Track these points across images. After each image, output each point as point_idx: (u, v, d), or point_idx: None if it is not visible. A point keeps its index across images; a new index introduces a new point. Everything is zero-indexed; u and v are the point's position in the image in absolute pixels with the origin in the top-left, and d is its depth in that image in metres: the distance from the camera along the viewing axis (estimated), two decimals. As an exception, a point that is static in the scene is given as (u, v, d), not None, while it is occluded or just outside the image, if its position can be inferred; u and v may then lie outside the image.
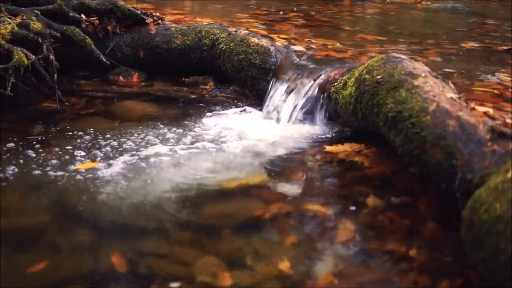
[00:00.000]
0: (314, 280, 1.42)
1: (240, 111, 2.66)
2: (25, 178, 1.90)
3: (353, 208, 1.78)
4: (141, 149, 2.16)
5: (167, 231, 1.63)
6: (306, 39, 3.34)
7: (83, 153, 2.10)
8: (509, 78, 2.64)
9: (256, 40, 2.84)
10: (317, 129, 2.40)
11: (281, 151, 2.19)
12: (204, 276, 1.41)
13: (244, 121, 2.54)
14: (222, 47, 2.93)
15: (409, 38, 3.67)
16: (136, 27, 3.12)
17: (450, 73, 2.68)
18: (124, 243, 1.56)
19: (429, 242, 1.57)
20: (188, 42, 3.03)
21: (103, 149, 2.14)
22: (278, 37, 3.27)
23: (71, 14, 2.94)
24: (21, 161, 2.02)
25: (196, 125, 2.45)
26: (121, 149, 2.15)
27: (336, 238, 1.60)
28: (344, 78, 2.30)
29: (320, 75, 2.49)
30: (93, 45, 2.89)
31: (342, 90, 2.25)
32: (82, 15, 2.98)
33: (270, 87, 2.65)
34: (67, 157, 2.06)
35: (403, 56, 2.08)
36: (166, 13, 4.01)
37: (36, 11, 2.82)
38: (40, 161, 2.02)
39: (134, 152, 2.12)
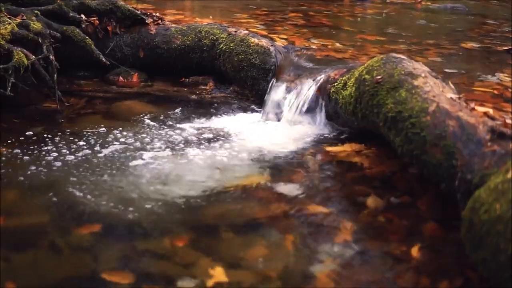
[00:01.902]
0: (314, 280, 1.42)
1: (240, 112, 2.66)
2: (25, 178, 1.90)
3: (353, 208, 1.78)
4: (141, 149, 2.16)
5: (167, 231, 1.63)
6: (306, 39, 3.34)
7: (83, 153, 2.10)
8: (509, 78, 2.64)
9: (256, 40, 2.84)
10: (317, 129, 2.40)
11: (281, 152, 2.19)
12: (204, 277, 1.41)
13: (244, 121, 2.54)
14: (222, 47, 2.93)
15: (409, 38, 3.67)
16: (136, 27, 3.12)
17: (450, 73, 2.68)
18: (124, 242, 1.56)
19: (429, 242, 1.57)
20: (188, 42, 3.03)
21: (103, 149, 2.14)
22: (278, 37, 3.27)
23: (71, 14, 2.94)
24: (21, 161, 2.02)
25: (196, 126, 2.45)
26: (121, 149, 2.15)
27: (336, 238, 1.60)
28: (344, 78, 2.30)
29: (320, 75, 2.49)
30: (93, 45, 2.89)
31: (342, 91, 2.25)
32: (82, 15, 2.98)
33: (270, 87, 2.65)
34: (66, 156, 2.07)
35: (403, 56, 2.08)
36: (166, 13, 4.01)
37: (36, 11, 2.82)
38: (40, 161, 2.02)
39: (133, 152, 2.13)
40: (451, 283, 1.39)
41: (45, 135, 2.27)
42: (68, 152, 2.11)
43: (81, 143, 2.20)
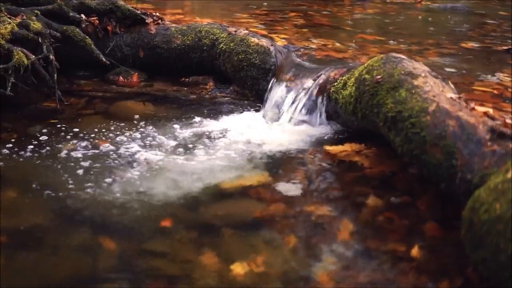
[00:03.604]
0: (314, 280, 1.42)
1: (240, 111, 2.66)
2: (25, 178, 1.90)
3: (353, 208, 1.78)
4: (141, 149, 2.16)
5: (167, 231, 1.63)
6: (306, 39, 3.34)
7: (82, 153, 2.10)
8: (509, 78, 2.64)
9: (256, 40, 2.84)
10: (317, 129, 2.40)
11: (281, 151, 2.19)
12: (203, 276, 1.42)
13: (243, 121, 2.53)
14: (222, 47, 2.93)
15: (409, 38, 3.67)
16: (136, 27, 3.12)
17: (450, 73, 2.68)
18: (124, 242, 1.56)
19: (429, 242, 1.57)
20: (188, 42, 3.03)
21: (103, 148, 2.14)
22: (278, 37, 3.27)
23: (71, 14, 2.94)
24: (22, 160, 2.02)
25: (196, 125, 2.45)
26: (121, 148, 2.15)
27: (336, 238, 1.60)
28: (344, 78, 2.30)
29: (320, 75, 2.49)
30: (93, 45, 2.89)
31: (342, 90, 2.25)
32: (82, 15, 2.98)
33: (270, 87, 2.65)
34: (66, 156, 2.07)
35: (403, 56, 2.08)
36: (166, 13, 4.00)
37: (36, 11, 2.82)
38: (40, 160, 2.02)
39: (133, 151, 2.13)
40: (451, 283, 1.39)
41: (45, 135, 2.27)
42: (68, 151, 2.11)
43: (81, 142, 2.20)
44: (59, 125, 2.39)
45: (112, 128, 2.36)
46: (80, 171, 1.95)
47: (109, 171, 1.96)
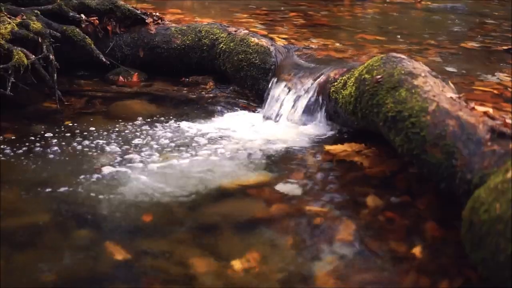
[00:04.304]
0: (314, 280, 1.42)
1: (240, 111, 2.66)
2: (25, 177, 1.90)
3: (353, 207, 1.78)
4: (141, 148, 2.16)
5: (167, 231, 1.63)
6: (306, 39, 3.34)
7: (82, 153, 2.10)
8: (509, 78, 2.64)
9: (256, 40, 2.84)
10: (317, 129, 2.40)
11: (281, 151, 2.19)
12: (203, 276, 1.41)
13: (243, 121, 2.53)
14: (222, 47, 2.93)
15: (409, 38, 3.67)
16: (136, 27, 3.12)
17: (450, 72, 2.68)
18: (124, 241, 1.56)
19: (429, 242, 1.57)
20: (188, 42, 3.03)
21: (103, 148, 2.14)
22: (278, 37, 3.27)
23: (71, 14, 2.94)
24: (21, 160, 2.02)
25: (196, 125, 2.45)
26: (121, 148, 2.16)
27: (336, 238, 1.60)
28: (344, 78, 2.30)
29: (320, 75, 2.49)
30: (93, 45, 2.89)
31: (342, 90, 2.25)
32: (82, 15, 2.98)
33: (270, 87, 2.65)
34: (66, 156, 2.07)
35: (402, 56, 2.08)
36: (166, 13, 4.00)
37: (36, 11, 2.82)
38: (40, 160, 2.02)
39: (133, 151, 2.13)
40: (451, 283, 1.39)
41: (45, 134, 2.27)
42: (68, 151, 2.11)
43: (81, 142, 2.20)
44: (59, 125, 2.39)
45: (112, 128, 2.36)
46: (80, 171, 1.95)
47: (109, 170, 1.96)
